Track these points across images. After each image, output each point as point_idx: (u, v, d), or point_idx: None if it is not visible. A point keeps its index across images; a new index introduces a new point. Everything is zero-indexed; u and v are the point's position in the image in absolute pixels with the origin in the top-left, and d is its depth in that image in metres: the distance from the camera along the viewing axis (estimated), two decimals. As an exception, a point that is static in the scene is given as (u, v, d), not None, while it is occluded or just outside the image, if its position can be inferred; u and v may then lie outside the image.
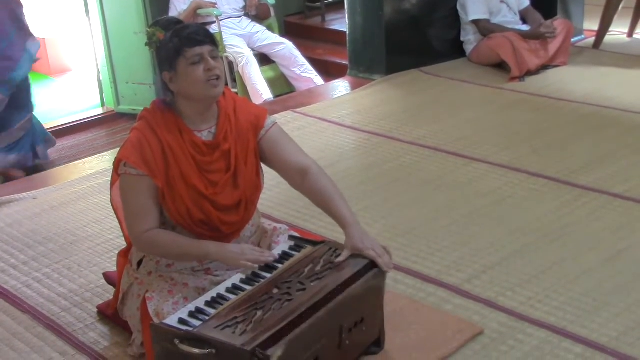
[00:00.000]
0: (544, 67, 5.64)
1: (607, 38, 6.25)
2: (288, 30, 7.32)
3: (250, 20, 6.37)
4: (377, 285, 2.39)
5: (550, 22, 5.70)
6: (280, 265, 2.39)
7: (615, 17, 6.22)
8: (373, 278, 2.35)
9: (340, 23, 7.03)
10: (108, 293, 2.94)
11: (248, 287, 2.28)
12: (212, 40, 2.39)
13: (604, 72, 5.62)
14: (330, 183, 2.51)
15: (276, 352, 1.98)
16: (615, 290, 2.87)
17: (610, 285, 2.90)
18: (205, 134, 2.45)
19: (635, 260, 3.07)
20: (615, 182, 3.76)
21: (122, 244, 3.04)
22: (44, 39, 7.93)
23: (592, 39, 6.30)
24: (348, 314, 2.26)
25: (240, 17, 6.34)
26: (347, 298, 2.24)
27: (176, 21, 2.47)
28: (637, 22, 6.43)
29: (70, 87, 7.61)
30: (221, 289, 2.29)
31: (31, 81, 5.20)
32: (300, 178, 2.51)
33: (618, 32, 6.46)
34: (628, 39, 6.45)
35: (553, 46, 5.70)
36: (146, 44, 2.44)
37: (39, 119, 5.39)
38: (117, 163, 2.42)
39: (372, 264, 2.36)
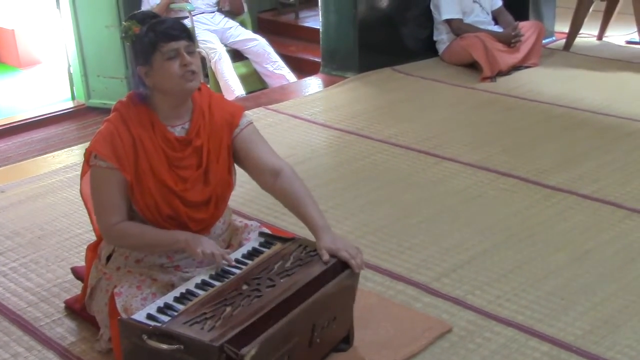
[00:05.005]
0: (516, 67, 5.69)
1: (578, 40, 6.32)
2: (261, 27, 7.30)
3: (223, 16, 6.34)
4: (350, 285, 2.40)
5: (517, 25, 5.75)
6: (249, 262, 2.38)
7: (586, 19, 6.28)
8: (347, 278, 2.35)
9: (314, 20, 7.02)
10: (76, 288, 2.91)
11: (217, 283, 2.27)
12: (188, 35, 2.37)
13: (574, 74, 5.67)
14: (303, 186, 2.51)
15: (250, 351, 1.97)
16: (582, 290, 2.90)
17: (577, 285, 2.93)
18: (178, 130, 2.44)
19: (602, 260, 3.11)
20: (584, 183, 3.80)
21: (91, 238, 3.02)
22: (13, 30, 7.85)
23: (562, 41, 6.37)
24: (321, 313, 2.26)
25: (213, 12, 6.31)
26: (321, 297, 2.23)
27: (152, 15, 2.45)
28: (606, 25, 6.51)
29: (40, 79, 7.53)
30: (190, 285, 2.28)
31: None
32: (272, 179, 2.50)
33: (588, 34, 6.53)
34: (598, 42, 6.52)
35: (525, 47, 5.75)
36: (122, 38, 2.42)
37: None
38: (88, 154, 2.41)
39: (342, 263, 2.36)
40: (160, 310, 2.16)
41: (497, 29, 5.86)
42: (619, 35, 6.61)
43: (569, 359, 2.51)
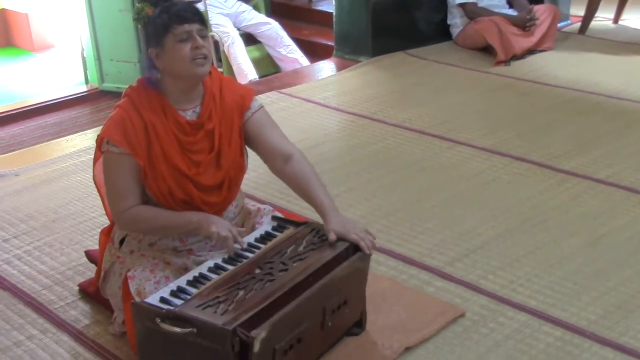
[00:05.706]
0: (530, 51, 5.66)
1: (593, 24, 6.27)
2: (274, 10, 7.28)
3: (236, 0, 6.33)
4: (361, 268, 2.40)
5: (532, 8, 5.72)
6: (262, 246, 2.39)
7: (602, 2, 6.23)
8: (358, 260, 2.35)
9: (327, 4, 7.00)
10: (90, 271, 2.93)
11: (230, 267, 2.28)
12: (201, 19, 2.37)
13: (589, 57, 5.64)
14: (312, 171, 2.51)
15: (260, 334, 1.98)
16: (595, 275, 2.89)
17: (590, 270, 2.92)
18: (189, 114, 2.44)
19: (615, 245, 3.10)
20: (598, 168, 3.78)
21: (105, 222, 3.03)
22: (26, 14, 7.86)
23: (578, 25, 6.32)
24: (332, 295, 2.27)
25: (226, -5, 6.30)
26: (331, 280, 2.24)
27: (165, -1, 2.45)
28: (622, 9, 6.46)
29: (53, 63, 7.55)
30: (203, 269, 2.28)
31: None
32: (282, 164, 2.51)
33: (604, 18, 6.48)
34: (613, 25, 6.47)
35: (539, 31, 5.71)
36: (134, 19, 2.42)
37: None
38: (100, 141, 2.41)
39: (354, 247, 2.36)
40: (173, 293, 2.17)
41: (511, 12, 5.82)
42: (635, 18, 6.56)
43: (582, 344, 2.50)
